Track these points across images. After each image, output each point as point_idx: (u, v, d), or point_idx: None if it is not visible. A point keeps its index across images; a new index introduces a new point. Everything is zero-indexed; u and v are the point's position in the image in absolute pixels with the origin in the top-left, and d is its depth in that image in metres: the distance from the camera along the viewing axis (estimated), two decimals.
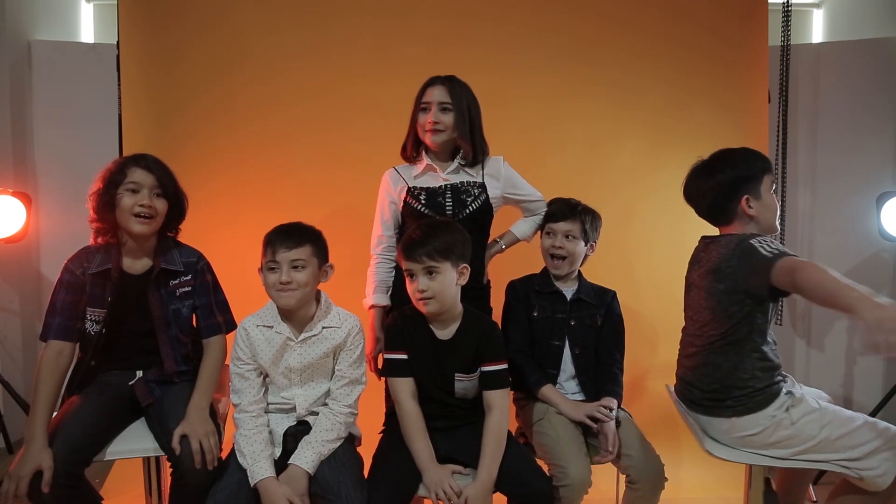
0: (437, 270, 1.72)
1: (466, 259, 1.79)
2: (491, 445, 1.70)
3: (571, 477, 1.71)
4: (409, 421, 1.75)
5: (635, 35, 2.93)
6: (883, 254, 3.13)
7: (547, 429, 1.87)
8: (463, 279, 1.77)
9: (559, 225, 2.05)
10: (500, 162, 2.12)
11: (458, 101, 2.02)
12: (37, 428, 1.63)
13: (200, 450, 1.62)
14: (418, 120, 2.06)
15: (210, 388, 1.79)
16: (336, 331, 1.80)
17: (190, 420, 1.68)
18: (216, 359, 1.85)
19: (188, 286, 1.87)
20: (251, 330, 1.79)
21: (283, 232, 1.74)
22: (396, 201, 2.09)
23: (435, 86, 2.04)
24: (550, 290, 2.05)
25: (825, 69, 3.20)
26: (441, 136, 2.02)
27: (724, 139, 2.95)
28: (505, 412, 1.76)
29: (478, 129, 2.08)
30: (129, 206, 1.75)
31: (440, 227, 1.79)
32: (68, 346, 1.76)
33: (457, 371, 1.79)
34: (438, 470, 1.69)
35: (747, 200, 1.82)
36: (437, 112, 2.02)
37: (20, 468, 1.56)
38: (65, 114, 3.10)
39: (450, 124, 2.02)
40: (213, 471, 1.64)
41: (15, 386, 2.76)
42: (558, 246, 2.03)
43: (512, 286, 2.11)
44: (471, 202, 2.04)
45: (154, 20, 2.82)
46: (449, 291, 1.74)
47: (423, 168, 2.07)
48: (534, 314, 2.03)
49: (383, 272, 2.11)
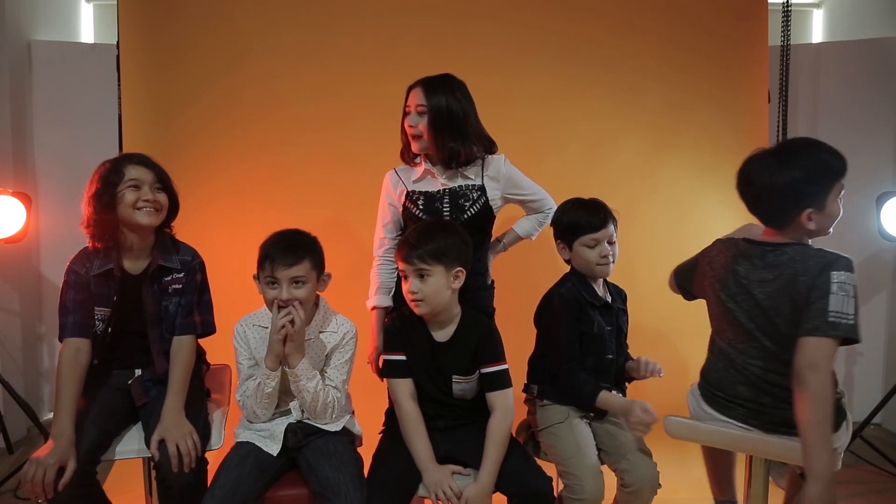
0: (428, 273, 1.71)
1: (464, 262, 1.77)
2: (493, 447, 1.69)
3: (587, 491, 1.69)
4: (408, 422, 1.75)
5: (635, 35, 2.93)
6: (883, 254, 3.13)
7: (566, 435, 1.83)
8: (457, 283, 1.75)
9: (600, 234, 1.90)
10: (502, 162, 2.08)
11: (435, 102, 1.96)
12: (65, 424, 1.64)
13: (178, 453, 1.62)
14: (402, 125, 2.04)
15: (182, 389, 1.77)
16: (332, 335, 1.82)
17: (164, 424, 1.68)
18: (185, 359, 1.82)
19: (180, 283, 1.87)
20: (248, 329, 1.81)
21: (282, 248, 1.72)
22: (396, 204, 2.08)
23: (413, 89, 2.01)
24: (602, 303, 1.94)
25: (825, 69, 3.20)
26: (422, 141, 2.00)
27: (724, 139, 2.98)
28: (508, 413, 1.74)
29: (464, 129, 1.98)
30: (132, 201, 1.75)
31: (437, 229, 1.78)
32: (85, 342, 1.76)
33: (454, 373, 1.78)
34: (438, 470, 1.68)
35: (809, 214, 1.62)
36: (415, 116, 1.99)
37: (49, 457, 1.57)
38: (65, 114, 3.10)
39: (424, 129, 1.98)
40: (197, 470, 1.65)
41: (15, 386, 2.76)
42: (605, 254, 1.90)
43: (563, 298, 1.92)
44: (469, 206, 2.02)
45: (154, 20, 2.82)
46: (440, 295, 1.73)
47: (422, 172, 2.05)
48: (594, 330, 1.90)
49: (385, 274, 2.10)
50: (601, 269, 1.92)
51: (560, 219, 2.00)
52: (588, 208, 1.95)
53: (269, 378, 1.71)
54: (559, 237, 1.99)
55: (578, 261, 1.95)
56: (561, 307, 1.91)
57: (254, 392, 1.74)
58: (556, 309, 1.91)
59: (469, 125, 2.00)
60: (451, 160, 1.99)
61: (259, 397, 1.73)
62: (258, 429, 1.78)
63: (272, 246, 1.73)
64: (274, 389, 1.73)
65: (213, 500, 1.59)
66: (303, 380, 1.71)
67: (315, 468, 1.68)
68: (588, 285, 1.95)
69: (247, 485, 1.64)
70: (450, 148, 1.97)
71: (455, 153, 1.98)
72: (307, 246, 1.76)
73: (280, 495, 1.70)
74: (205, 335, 1.91)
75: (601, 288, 1.97)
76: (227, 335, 1.94)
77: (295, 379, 1.72)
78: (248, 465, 1.68)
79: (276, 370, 1.71)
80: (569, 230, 1.95)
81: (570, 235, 1.94)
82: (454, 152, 1.98)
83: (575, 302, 1.90)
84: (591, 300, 1.92)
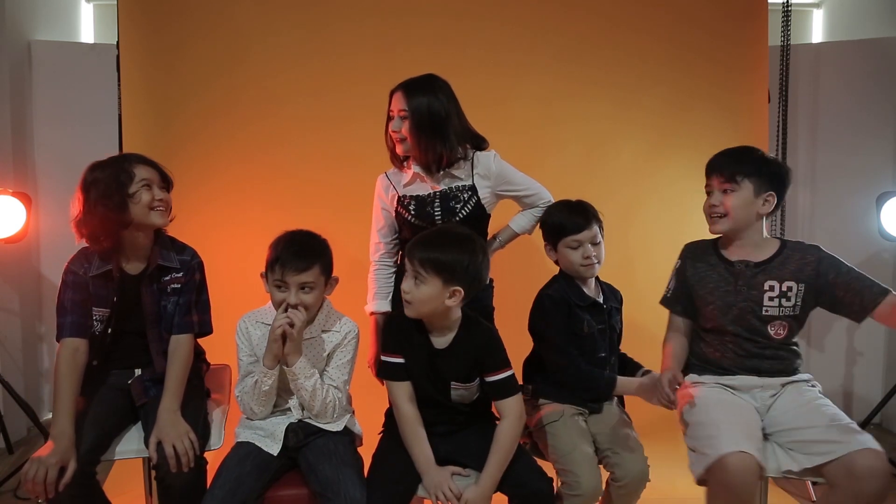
0: (423, 280, 1.65)
1: (465, 284, 1.66)
2: (499, 452, 1.67)
3: (584, 487, 1.70)
4: (406, 424, 1.73)
5: (635, 35, 2.93)
6: (883, 254, 3.13)
7: (562, 432, 1.83)
8: (452, 301, 1.66)
9: (583, 235, 1.91)
10: (491, 158, 2.05)
11: (415, 105, 1.95)
12: (65, 424, 1.64)
13: (175, 454, 1.62)
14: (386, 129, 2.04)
15: (179, 389, 1.77)
16: (334, 335, 1.82)
17: (161, 425, 1.68)
18: (183, 358, 1.82)
19: (179, 283, 1.87)
20: (250, 325, 1.81)
21: (294, 252, 1.70)
22: (389, 209, 2.08)
23: (395, 93, 2.01)
24: (590, 303, 1.95)
25: (825, 69, 3.20)
26: (406, 145, 1.99)
27: (724, 139, 2.95)
28: (518, 419, 1.72)
29: (446, 130, 1.97)
30: (148, 201, 1.76)
31: (453, 241, 1.68)
32: (83, 342, 1.76)
33: (453, 380, 1.76)
34: (438, 472, 1.68)
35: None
36: (398, 121, 1.99)
37: (50, 457, 1.57)
38: (65, 114, 3.10)
39: (409, 132, 1.97)
40: (195, 470, 1.65)
41: (15, 386, 2.76)
42: (588, 255, 1.91)
43: (552, 300, 1.93)
44: (460, 208, 2.01)
45: (154, 20, 2.82)
46: (428, 305, 1.67)
47: (412, 176, 2.03)
48: (584, 330, 1.91)
49: (382, 278, 2.10)
50: (585, 270, 1.93)
51: (546, 220, 2.02)
52: (571, 209, 1.96)
53: (265, 376, 1.71)
54: (545, 239, 2.01)
55: (564, 262, 1.96)
56: (550, 307, 1.92)
57: (251, 389, 1.74)
58: (546, 310, 1.93)
59: (451, 125, 1.99)
60: (435, 163, 1.98)
61: (256, 394, 1.73)
62: (258, 428, 1.78)
63: (283, 249, 1.71)
64: (271, 388, 1.73)
65: (213, 500, 1.59)
66: (300, 378, 1.72)
67: (315, 468, 1.68)
68: (576, 286, 1.95)
69: (247, 485, 1.64)
70: (433, 151, 1.97)
71: (438, 156, 1.98)
72: (318, 251, 1.74)
73: (280, 495, 1.70)
74: (202, 335, 1.91)
75: (591, 288, 1.98)
76: (226, 335, 1.94)
77: (293, 377, 1.72)
78: (248, 465, 1.68)
79: (273, 369, 1.72)
80: (553, 232, 1.97)
81: (555, 237, 1.96)
82: (437, 155, 1.97)
83: (563, 302, 1.91)
84: (578, 301, 1.92)
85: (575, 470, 1.73)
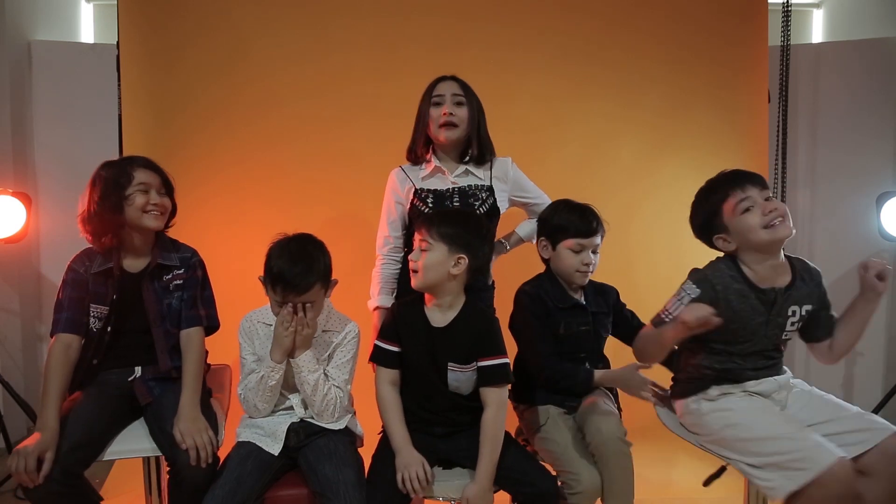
0: (430, 248, 1.72)
1: (468, 252, 1.72)
2: (488, 444, 1.68)
3: (584, 483, 1.70)
4: (385, 406, 1.76)
5: (635, 35, 2.93)
6: (883, 254, 3.13)
7: (553, 434, 1.83)
8: (457, 269, 1.72)
9: (588, 241, 1.90)
10: (508, 164, 2.10)
11: (470, 96, 2.03)
12: (49, 416, 1.66)
13: (195, 447, 1.63)
14: (430, 114, 2.03)
15: (196, 384, 1.79)
16: (335, 334, 1.82)
17: (181, 419, 1.69)
18: (197, 352, 1.84)
19: (181, 279, 1.88)
20: (254, 325, 1.82)
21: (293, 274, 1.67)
22: (403, 202, 2.08)
23: (446, 80, 2.05)
24: (571, 304, 1.94)
25: (825, 69, 3.20)
26: (455, 131, 2.01)
27: (723, 139, 2.98)
28: (501, 408, 1.72)
29: (484, 129, 2.07)
30: (142, 204, 1.79)
31: (459, 216, 1.82)
32: (76, 339, 1.79)
33: (450, 360, 1.76)
34: (411, 454, 1.68)
35: None
36: (452, 105, 2.01)
37: (29, 447, 1.58)
38: (65, 114, 3.10)
39: (465, 118, 2.01)
40: (210, 467, 1.65)
41: (15, 386, 2.76)
42: (588, 262, 1.90)
43: (529, 297, 1.93)
44: (479, 206, 2.03)
45: (154, 20, 2.82)
46: (434, 271, 1.72)
47: (431, 170, 2.05)
48: (560, 331, 1.91)
49: (388, 273, 2.10)
50: (579, 276, 1.93)
51: (549, 217, 1.99)
52: (581, 213, 1.94)
53: (273, 371, 1.72)
54: (545, 235, 1.98)
55: (558, 263, 1.94)
56: (527, 304, 1.93)
57: (256, 385, 1.74)
58: (523, 307, 1.93)
59: (486, 125, 2.09)
60: (478, 150, 2.05)
61: (262, 390, 1.74)
62: (259, 428, 1.78)
63: (282, 268, 1.68)
64: (277, 382, 1.73)
65: (214, 499, 1.59)
66: (304, 371, 1.72)
67: (315, 468, 1.68)
68: (558, 287, 1.95)
69: (247, 485, 1.64)
70: (487, 137, 2.06)
71: (486, 144, 2.06)
72: (317, 266, 1.71)
73: (280, 495, 1.70)
74: (210, 329, 1.91)
75: (575, 290, 1.97)
76: (226, 335, 1.94)
77: (297, 370, 1.73)
78: (248, 465, 1.68)
79: (281, 363, 1.72)
80: (557, 230, 1.94)
81: (557, 235, 1.93)
82: (485, 143, 2.06)
83: (539, 300, 1.92)
84: (559, 303, 1.92)
85: (572, 469, 1.73)
